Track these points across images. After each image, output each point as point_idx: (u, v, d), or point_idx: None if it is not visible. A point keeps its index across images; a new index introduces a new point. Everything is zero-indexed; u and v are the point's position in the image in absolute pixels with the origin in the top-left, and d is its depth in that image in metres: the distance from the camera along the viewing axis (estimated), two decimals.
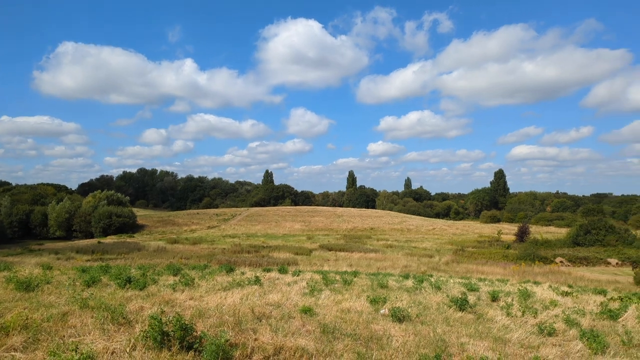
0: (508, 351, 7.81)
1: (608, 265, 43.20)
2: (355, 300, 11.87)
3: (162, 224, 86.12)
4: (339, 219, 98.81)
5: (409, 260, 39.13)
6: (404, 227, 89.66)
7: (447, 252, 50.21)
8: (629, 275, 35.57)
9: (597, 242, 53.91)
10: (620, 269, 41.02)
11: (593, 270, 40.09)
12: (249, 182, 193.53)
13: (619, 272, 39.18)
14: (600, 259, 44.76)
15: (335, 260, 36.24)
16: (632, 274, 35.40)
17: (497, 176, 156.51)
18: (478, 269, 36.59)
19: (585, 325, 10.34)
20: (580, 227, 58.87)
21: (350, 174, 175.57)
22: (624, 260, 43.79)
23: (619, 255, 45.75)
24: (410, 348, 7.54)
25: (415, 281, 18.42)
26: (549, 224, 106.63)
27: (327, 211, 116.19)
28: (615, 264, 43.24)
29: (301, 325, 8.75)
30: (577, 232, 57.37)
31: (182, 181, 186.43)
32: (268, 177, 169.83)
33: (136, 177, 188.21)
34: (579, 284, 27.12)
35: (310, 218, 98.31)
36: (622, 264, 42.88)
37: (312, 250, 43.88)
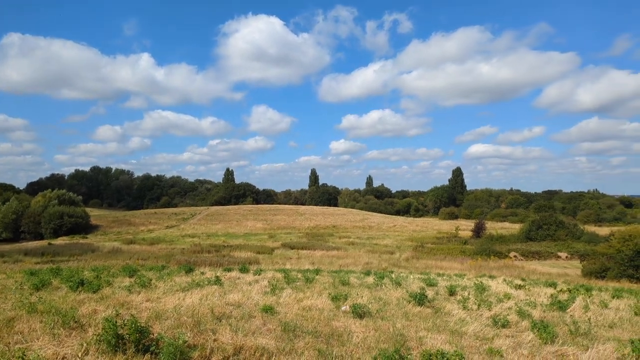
0: (464, 343, 8.04)
1: (558, 258, 45.29)
2: (317, 298, 11.89)
3: (118, 224, 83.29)
4: (301, 217, 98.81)
5: (371, 257, 39.60)
6: (366, 225, 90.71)
7: (408, 248, 51.18)
8: (577, 268, 37.42)
9: (548, 236, 56.34)
10: (570, 262, 43.10)
11: (544, 263, 41.93)
12: (209, 181, 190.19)
13: (568, 265, 41.16)
14: (551, 253, 46.86)
15: (298, 258, 36.21)
16: (580, 267, 37.27)
17: (455, 174, 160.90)
18: (437, 264, 37.50)
19: (536, 317, 10.79)
20: (532, 222, 61.36)
21: (312, 172, 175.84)
22: (572, 253, 46.01)
23: (568, 249, 48.03)
24: (371, 343, 7.62)
25: (376, 278, 18.65)
26: (503, 220, 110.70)
27: (290, 209, 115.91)
28: (564, 257, 45.39)
29: (262, 324, 8.69)
30: (530, 228, 59.75)
31: (138, 180, 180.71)
32: (229, 176, 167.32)
33: (89, 175, 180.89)
34: (531, 277, 28.26)
35: (272, 216, 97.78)
36: (571, 258, 45.05)
37: (274, 249, 43.64)
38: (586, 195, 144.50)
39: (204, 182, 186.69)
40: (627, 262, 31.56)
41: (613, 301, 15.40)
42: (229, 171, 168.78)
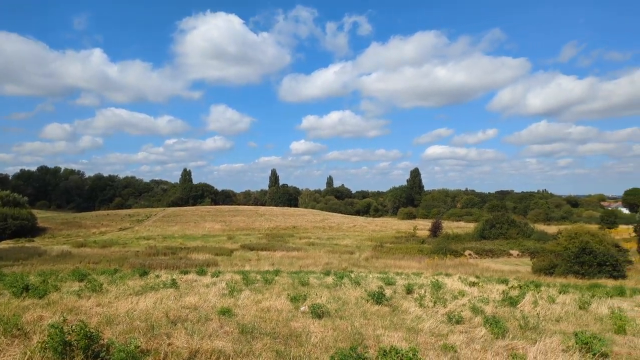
0: (420, 340, 8.19)
1: (510, 256, 47.14)
2: (276, 299, 11.80)
3: (67, 226, 79.67)
4: (261, 218, 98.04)
5: (331, 257, 39.80)
6: (326, 225, 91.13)
7: (367, 248, 51.81)
8: (528, 265, 39.05)
9: (500, 235, 58.53)
10: (521, 259, 44.94)
11: (497, 261, 43.53)
12: (165, 181, 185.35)
13: (520, 262, 42.91)
14: (503, 250, 48.71)
15: (257, 259, 35.88)
16: (530, 264, 38.90)
17: (413, 175, 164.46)
18: (395, 263, 38.18)
19: (488, 312, 11.15)
20: (486, 221, 63.58)
21: (272, 172, 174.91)
22: (523, 251, 48.01)
23: (520, 247, 50.08)
24: (329, 343, 7.63)
25: (336, 277, 18.74)
26: (459, 219, 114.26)
27: (249, 210, 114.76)
28: (516, 255, 47.30)
29: (219, 327, 8.52)
30: (484, 227, 61.88)
31: (90, 180, 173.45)
32: (186, 176, 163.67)
33: (36, 175, 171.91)
34: (485, 275, 29.26)
35: (232, 218, 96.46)
36: (522, 255, 46.98)
37: (233, 251, 43.06)
38: (536, 195, 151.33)
39: (160, 183, 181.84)
40: (573, 259, 33.22)
41: (560, 296, 16.13)
42: (187, 171, 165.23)
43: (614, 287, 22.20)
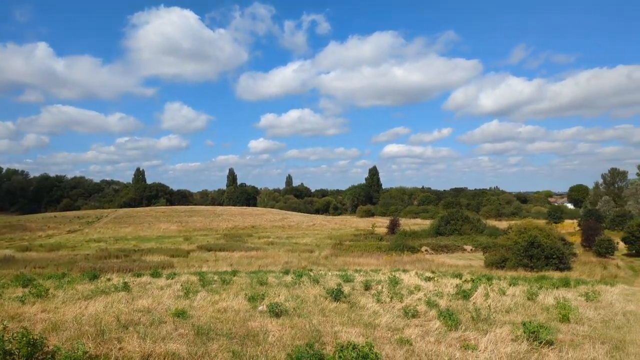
0: (377, 335, 8.30)
1: (464, 251, 48.69)
2: (233, 299, 11.64)
3: (10, 229, 75.32)
4: (219, 218, 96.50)
5: (290, 257, 39.70)
6: (285, 224, 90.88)
7: (327, 246, 52.03)
8: (481, 260, 40.47)
9: (455, 231, 60.31)
10: (474, 254, 46.52)
11: (452, 256, 44.86)
12: (117, 181, 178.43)
13: (473, 257, 44.40)
14: (458, 246, 50.24)
15: (215, 260, 35.27)
16: (483, 258, 40.34)
17: (371, 173, 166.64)
18: (354, 261, 38.54)
19: (443, 306, 11.45)
20: (441, 218, 65.35)
21: (230, 171, 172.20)
22: (477, 246, 49.70)
23: (473, 242, 51.80)
24: (287, 341, 7.60)
25: (295, 276, 18.69)
26: (416, 217, 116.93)
27: (206, 210, 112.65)
28: (470, 250, 48.91)
29: (173, 329, 8.31)
30: (439, 223, 63.58)
31: (35, 180, 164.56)
32: (139, 176, 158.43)
33: None
34: (440, 270, 30.06)
35: (188, 218, 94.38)
36: (475, 250, 48.63)
37: (190, 252, 42.10)
38: (488, 192, 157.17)
39: (112, 183, 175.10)
40: (522, 253, 34.70)
41: (510, 288, 16.78)
42: (140, 171, 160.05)
43: (559, 279, 23.37)
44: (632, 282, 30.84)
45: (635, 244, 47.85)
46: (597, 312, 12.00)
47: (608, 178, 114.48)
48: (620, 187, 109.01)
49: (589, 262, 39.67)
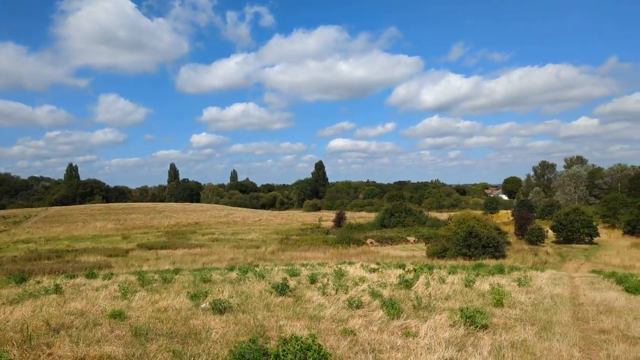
0: (322, 327, 8.33)
1: (408, 242, 50.15)
2: (174, 298, 11.28)
3: None
4: (160, 215, 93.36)
5: (236, 253, 39.17)
6: (231, 220, 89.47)
7: (273, 241, 51.80)
8: (423, 250, 41.87)
9: (399, 223, 61.92)
10: (417, 245, 48.03)
11: (396, 247, 46.08)
12: (47, 178, 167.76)
13: (416, 248, 45.84)
14: (401, 237, 51.65)
15: (157, 259, 34.09)
16: (425, 249, 41.76)
17: (317, 167, 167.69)
18: (301, 255, 38.63)
19: (386, 296, 11.70)
20: (385, 211, 66.88)
21: (171, 166, 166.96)
22: (419, 237, 51.35)
23: (416, 233, 53.45)
24: (230, 338, 7.45)
25: (240, 272, 18.44)
26: (361, 210, 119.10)
27: (146, 207, 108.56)
28: (413, 241, 50.44)
29: (109, 331, 7.91)
30: (384, 216, 65.04)
31: None
32: (72, 172, 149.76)
33: None
34: (385, 261, 30.80)
35: (127, 216, 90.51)
36: (418, 241, 50.21)
37: (129, 251, 40.38)
38: (429, 185, 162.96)
39: (41, 180, 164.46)
40: (461, 242, 36.27)
41: (449, 277, 17.50)
42: (73, 167, 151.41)
43: (495, 266, 24.69)
44: (560, 267, 33.17)
45: (562, 231, 51.48)
46: (528, 296, 12.76)
47: (539, 170, 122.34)
48: (550, 178, 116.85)
49: (521, 249, 42.21)
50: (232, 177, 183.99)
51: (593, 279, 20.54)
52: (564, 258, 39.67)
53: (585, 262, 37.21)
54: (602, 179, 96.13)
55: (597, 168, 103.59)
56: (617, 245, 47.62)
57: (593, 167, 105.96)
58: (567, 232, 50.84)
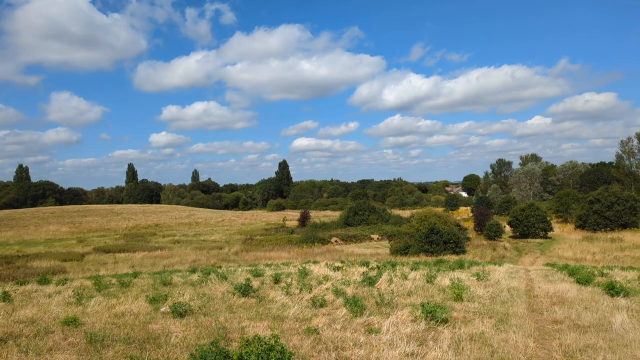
0: (285, 327, 8.27)
1: (372, 240, 50.67)
2: (133, 302, 10.91)
3: None
4: (118, 217, 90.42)
5: (199, 254, 38.42)
6: (193, 221, 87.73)
7: (237, 242, 51.17)
8: (387, 247, 42.39)
9: (363, 221, 62.50)
10: (381, 242, 48.60)
11: (360, 245, 46.45)
12: None
13: (380, 245, 46.37)
14: (365, 235, 52.13)
15: (115, 262, 32.97)
16: (388, 246, 42.32)
17: (281, 166, 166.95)
18: (266, 255, 38.34)
19: (349, 294, 11.76)
20: (350, 209, 67.35)
21: (129, 167, 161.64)
22: (383, 235, 51.98)
23: (380, 231, 54.08)
24: (191, 341, 7.28)
25: (202, 274, 18.08)
26: (325, 209, 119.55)
27: (103, 209, 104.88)
28: (376, 239, 51.01)
29: (62, 339, 7.56)
30: (348, 214, 65.48)
31: None
32: (22, 173, 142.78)
33: None
34: (349, 259, 30.98)
35: (82, 218, 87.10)
36: (381, 239, 50.82)
37: (85, 255, 38.80)
38: (392, 183, 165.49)
39: None
40: (424, 239, 36.97)
41: (412, 273, 17.78)
42: (23, 168, 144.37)
43: (455, 262, 25.30)
44: (517, 261, 34.40)
45: (518, 227, 53.38)
46: (486, 290, 13.14)
47: (496, 168, 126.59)
48: (506, 176, 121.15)
49: (480, 245, 43.46)
50: (193, 177, 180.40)
51: (547, 271, 21.40)
52: (520, 252, 41.16)
53: (540, 255, 38.75)
54: (555, 175, 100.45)
55: (550, 165, 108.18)
56: (570, 239, 49.88)
57: (546, 164, 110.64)
58: (523, 227, 52.76)
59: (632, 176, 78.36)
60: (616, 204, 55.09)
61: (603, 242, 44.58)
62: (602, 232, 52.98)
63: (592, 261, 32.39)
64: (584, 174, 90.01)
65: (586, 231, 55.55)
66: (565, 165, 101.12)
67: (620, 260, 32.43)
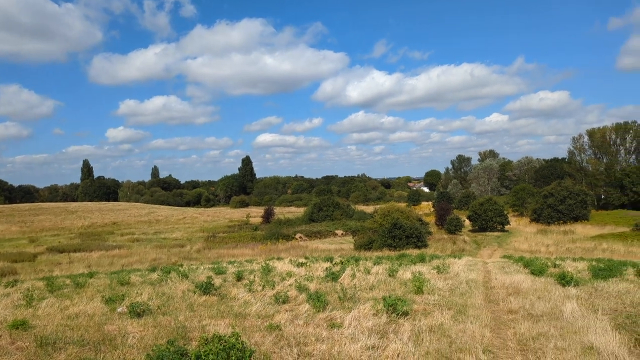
0: (247, 324, 8.17)
1: (336, 236, 50.99)
2: (87, 303, 10.51)
3: None
4: (73, 216, 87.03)
5: (159, 253, 37.59)
6: (153, 219, 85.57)
7: (199, 239, 50.36)
8: (351, 243, 42.78)
9: (327, 217, 62.78)
10: (345, 238, 48.98)
11: (325, 241, 46.67)
12: None
13: (344, 241, 46.73)
14: (330, 231, 52.40)
15: (70, 262, 31.73)
16: (352, 242, 42.72)
17: (244, 163, 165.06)
18: (229, 252, 37.92)
19: (312, 289, 11.76)
20: (314, 205, 67.52)
21: (85, 163, 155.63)
22: (347, 230, 52.40)
23: (344, 227, 54.48)
24: (148, 341, 7.07)
25: (162, 273, 17.67)
26: (290, 205, 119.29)
27: (57, 208, 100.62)
28: (341, 234, 51.37)
29: (9, 343, 7.18)
30: (312, 210, 65.62)
31: None
32: None
33: None
34: (313, 255, 31.05)
35: (34, 217, 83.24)
36: (346, 234, 51.22)
37: (38, 255, 37.12)
38: (356, 179, 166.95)
39: None
40: (387, 234, 37.51)
41: (374, 267, 17.99)
42: None
43: (417, 255, 25.83)
44: (475, 254, 35.47)
45: (477, 221, 55.07)
46: (445, 283, 13.46)
47: (456, 164, 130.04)
48: (466, 171, 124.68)
49: (441, 238, 44.57)
50: (153, 173, 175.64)
51: (504, 263, 22.18)
52: (479, 245, 42.48)
53: (497, 248, 40.14)
54: (512, 171, 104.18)
55: (507, 161, 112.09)
56: (525, 232, 51.93)
57: (504, 160, 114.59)
58: (482, 221, 54.49)
59: (583, 171, 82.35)
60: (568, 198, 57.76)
61: (556, 235, 46.69)
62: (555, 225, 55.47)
63: (546, 253, 33.85)
64: (539, 169, 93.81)
65: (541, 224, 58.01)
66: (521, 161, 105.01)
67: (572, 252, 34.06)
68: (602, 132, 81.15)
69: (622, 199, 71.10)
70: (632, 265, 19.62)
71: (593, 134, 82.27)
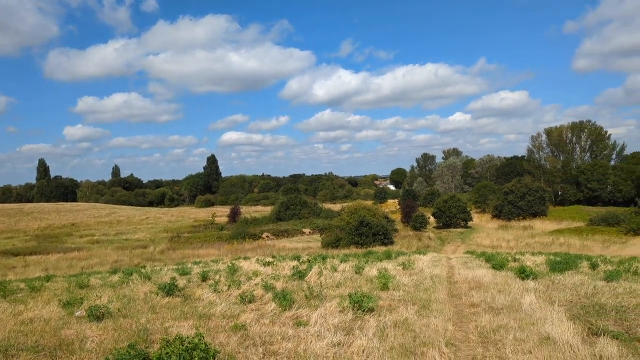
0: (211, 325, 8.04)
1: (304, 234, 50.98)
2: (43, 308, 10.07)
3: None
4: (28, 217, 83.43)
5: (121, 254, 36.56)
6: (114, 219, 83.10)
7: (163, 240, 49.28)
8: (319, 241, 42.89)
9: (295, 216, 62.68)
10: (312, 236, 49.05)
11: (292, 240, 46.59)
12: None
13: (312, 239, 46.79)
14: (297, 230, 52.35)
15: (25, 266, 30.36)
16: (320, 240, 42.84)
17: (209, 161, 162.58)
18: (194, 253, 37.29)
19: (279, 288, 11.69)
20: (281, 204, 67.29)
21: (40, 162, 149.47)
22: (314, 228, 52.50)
23: (311, 225, 54.56)
24: (108, 345, 6.84)
25: (124, 275, 17.12)
26: (256, 204, 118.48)
27: (10, 209, 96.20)
28: (308, 232, 51.41)
29: None
30: (279, 209, 65.38)
31: None
32: None
33: None
34: (281, 254, 30.93)
35: None
36: (313, 232, 51.30)
37: None
38: (323, 177, 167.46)
39: None
40: (354, 232, 37.84)
41: (341, 265, 18.07)
42: None
43: (383, 252, 26.13)
44: (440, 250, 36.29)
45: (442, 217, 56.35)
46: (410, 278, 13.67)
47: (421, 162, 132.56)
48: (430, 169, 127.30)
49: (407, 235, 45.38)
50: (114, 173, 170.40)
51: (467, 259, 22.75)
52: (443, 241, 43.47)
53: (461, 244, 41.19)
54: (474, 168, 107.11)
55: (470, 159, 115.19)
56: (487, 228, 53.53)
57: (466, 158, 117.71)
58: (446, 217, 55.79)
59: (541, 169, 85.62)
60: (527, 195, 59.90)
61: (516, 230, 48.36)
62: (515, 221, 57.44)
63: (507, 248, 35.02)
64: (500, 167, 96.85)
65: (502, 220, 59.95)
66: (483, 159, 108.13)
67: (531, 246, 35.38)
68: (559, 131, 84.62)
69: (577, 195, 74.41)
70: (586, 258, 20.56)
71: (550, 132, 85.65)
